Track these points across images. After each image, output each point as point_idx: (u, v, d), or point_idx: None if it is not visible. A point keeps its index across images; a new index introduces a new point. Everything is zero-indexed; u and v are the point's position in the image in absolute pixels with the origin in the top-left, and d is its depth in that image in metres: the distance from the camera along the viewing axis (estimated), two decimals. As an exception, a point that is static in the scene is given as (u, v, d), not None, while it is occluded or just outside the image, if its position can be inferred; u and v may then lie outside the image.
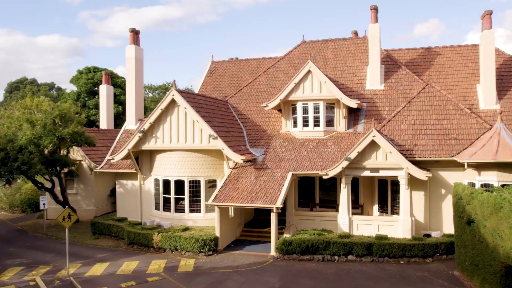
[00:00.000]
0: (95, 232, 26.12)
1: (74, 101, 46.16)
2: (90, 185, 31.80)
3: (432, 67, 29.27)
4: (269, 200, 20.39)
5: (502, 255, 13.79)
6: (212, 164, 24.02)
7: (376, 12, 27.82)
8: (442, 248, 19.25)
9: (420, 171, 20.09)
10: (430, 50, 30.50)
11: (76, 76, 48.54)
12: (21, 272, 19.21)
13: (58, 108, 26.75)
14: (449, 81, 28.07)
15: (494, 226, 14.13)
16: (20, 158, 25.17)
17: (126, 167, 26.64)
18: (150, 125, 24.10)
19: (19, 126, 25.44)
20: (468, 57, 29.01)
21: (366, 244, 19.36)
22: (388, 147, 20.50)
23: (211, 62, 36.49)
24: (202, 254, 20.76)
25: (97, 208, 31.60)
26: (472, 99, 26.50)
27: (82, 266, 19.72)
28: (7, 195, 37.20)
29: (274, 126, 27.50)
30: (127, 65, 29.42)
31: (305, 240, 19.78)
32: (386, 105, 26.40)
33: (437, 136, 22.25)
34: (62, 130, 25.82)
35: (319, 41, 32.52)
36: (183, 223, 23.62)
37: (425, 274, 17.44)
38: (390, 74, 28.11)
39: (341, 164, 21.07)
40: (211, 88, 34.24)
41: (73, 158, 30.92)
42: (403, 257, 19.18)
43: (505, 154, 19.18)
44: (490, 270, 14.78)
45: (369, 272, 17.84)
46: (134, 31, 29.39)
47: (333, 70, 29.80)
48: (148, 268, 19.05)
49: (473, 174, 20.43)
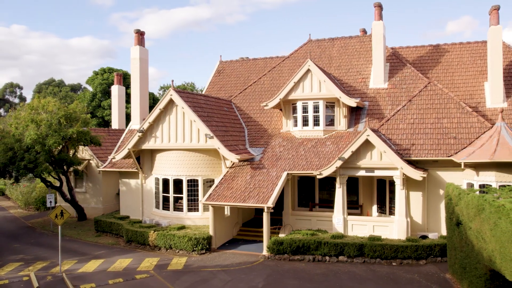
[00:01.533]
0: (98, 230, 26.67)
1: (89, 102, 47.14)
2: (98, 184, 32.48)
3: (440, 65, 28.52)
4: (261, 200, 20.32)
5: (486, 258, 13.32)
6: (210, 163, 24.12)
7: (380, 9, 27.33)
8: (437, 250, 18.72)
9: (415, 171, 19.61)
10: (438, 47, 29.73)
11: (92, 77, 49.59)
12: (18, 267, 19.81)
13: (64, 108, 27.44)
14: (456, 78, 27.30)
15: (478, 228, 13.67)
16: (27, 157, 26.02)
17: (128, 166, 27.07)
18: (150, 124, 24.41)
19: (25, 126, 26.22)
20: (477, 54, 28.13)
21: (358, 245, 19.04)
22: (382, 146, 20.10)
23: (219, 62, 36.62)
24: (195, 252, 20.90)
25: (105, 207, 32.24)
26: (479, 97, 25.68)
27: (77, 263, 20.17)
28: (22, 194, 38.40)
29: (275, 126, 27.40)
30: (132, 66, 29.89)
31: (296, 240, 19.61)
32: (388, 103, 25.89)
33: (436, 135, 21.67)
34: (67, 130, 26.46)
35: (325, 40, 32.20)
36: (182, 222, 23.81)
37: (415, 276, 17.02)
38: (395, 72, 27.56)
39: (335, 163, 20.80)
40: (218, 88, 34.38)
41: (82, 157, 31.70)
42: (395, 258, 18.76)
43: (503, 154, 18.52)
44: (476, 274, 14.30)
45: (357, 273, 17.54)
46: (139, 32, 29.81)
47: (337, 69, 29.45)
48: (140, 265, 19.30)
49: (471, 174, 19.82)
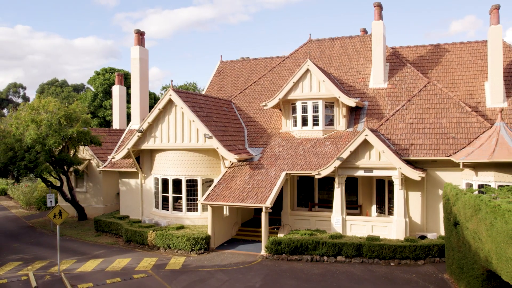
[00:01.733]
0: (98, 230, 26.74)
1: (91, 102, 47.24)
2: (99, 184, 32.56)
3: (440, 65, 28.43)
4: (259, 200, 20.32)
5: (482, 259, 13.27)
6: (209, 163, 24.13)
7: (380, 9, 27.27)
8: (435, 250, 18.66)
9: (413, 171, 19.56)
10: (439, 47, 29.63)
11: (93, 77, 49.73)
12: (18, 267, 19.88)
13: (64, 108, 27.52)
14: (456, 78, 27.20)
15: (474, 228, 13.62)
16: (27, 157, 26.11)
17: (128, 166, 27.12)
18: (149, 124, 24.45)
19: (26, 126, 26.32)
20: (477, 54, 28.03)
21: (356, 245, 19.00)
22: (380, 146, 20.06)
23: (220, 62, 36.63)
24: (194, 252, 20.92)
25: (105, 206, 32.32)
26: (479, 97, 25.59)
27: (76, 262, 20.23)
28: (24, 193, 38.55)
29: (275, 126, 27.38)
30: (132, 66, 29.95)
31: (295, 240, 19.60)
32: (388, 103, 25.83)
33: (435, 135, 21.61)
34: (67, 130, 26.54)
35: (326, 40, 32.18)
36: (181, 222, 23.83)
37: (413, 276, 16.97)
38: (394, 72, 27.50)
39: (333, 163, 20.77)
40: (218, 88, 34.39)
41: (83, 157, 31.79)
42: (393, 259, 18.71)
43: (502, 154, 18.45)
44: (473, 274, 14.25)
45: (355, 273, 17.51)
46: (139, 32, 29.86)
47: (337, 69, 29.41)
48: (138, 265, 19.33)
49: (470, 174, 19.75)
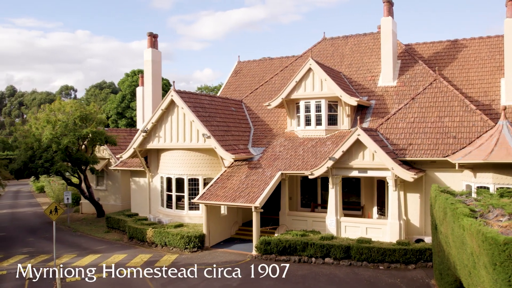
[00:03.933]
0: (109, 227, 27.73)
1: (119, 103, 48.97)
2: (117, 182, 33.73)
3: (456, 61, 27.15)
4: (250, 199, 20.33)
5: (452, 264, 12.66)
6: (210, 163, 24.40)
7: (389, 5, 26.45)
8: (427, 254, 17.87)
9: (406, 172, 18.84)
10: (456, 42, 28.31)
11: (123, 79, 51.55)
12: (22, 259, 21.05)
13: (79, 109, 28.80)
14: (472, 75, 25.88)
15: (445, 232, 13.01)
16: (44, 156, 27.56)
17: (137, 165, 27.93)
18: (153, 124, 25.06)
19: (43, 126, 27.76)
20: (496, 49, 26.50)
21: (344, 247, 18.58)
22: (373, 146, 19.47)
23: (237, 63, 36.92)
24: (187, 250, 21.25)
25: (123, 204, 33.39)
26: (494, 94, 24.24)
27: (76, 257, 21.15)
28: (53, 190, 40.60)
29: (281, 125, 27.26)
30: (145, 68, 30.87)
31: (284, 241, 19.45)
32: (395, 102, 25.03)
33: (435, 134, 20.72)
34: (81, 130, 27.74)
35: (340, 38, 31.66)
36: (182, 220, 24.27)
37: (397, 281, 16.38)
38: (406, 69, 26.60)
39: (326, 164, 20.41)
40: (233, 88, 34.68)
41: (102, 157, 33.08)
42: (383, 262, 18.13)
43: (500, 154, 17.42)
44: (448, 280, 13.65)
45: (338, 276, 17.14)
46: (152, 35, 30.70)
47: (348, 67, 28.85)
48: (131, 261, 19.92)
49: (469, 175, 18.80)
